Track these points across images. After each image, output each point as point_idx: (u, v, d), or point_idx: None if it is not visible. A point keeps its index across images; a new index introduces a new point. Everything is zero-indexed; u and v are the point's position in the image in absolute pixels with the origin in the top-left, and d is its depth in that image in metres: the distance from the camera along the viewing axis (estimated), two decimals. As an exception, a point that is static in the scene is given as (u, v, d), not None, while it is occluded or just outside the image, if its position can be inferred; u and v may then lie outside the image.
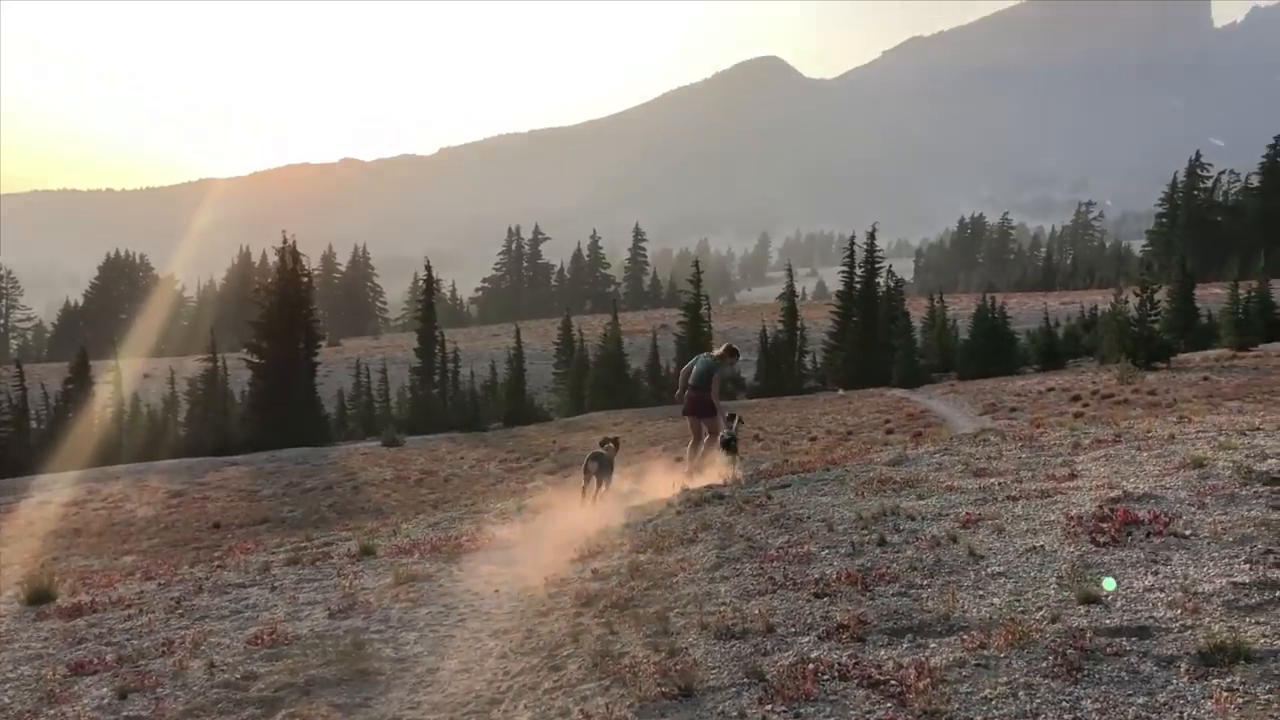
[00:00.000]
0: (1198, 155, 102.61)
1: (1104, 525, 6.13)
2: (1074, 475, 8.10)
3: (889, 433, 25.21)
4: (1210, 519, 6.07)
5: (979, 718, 3.87)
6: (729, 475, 10.97)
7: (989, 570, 5.74)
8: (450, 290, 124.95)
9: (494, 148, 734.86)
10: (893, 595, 5.53)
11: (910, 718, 3.96)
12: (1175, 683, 3.93)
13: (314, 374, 45.09)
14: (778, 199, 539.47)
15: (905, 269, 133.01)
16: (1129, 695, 3.87)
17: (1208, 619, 4.49)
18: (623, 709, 4.48)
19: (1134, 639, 4.39)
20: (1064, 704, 3.86)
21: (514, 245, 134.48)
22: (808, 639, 5.02)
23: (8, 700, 5.70)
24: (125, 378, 51.43)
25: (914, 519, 7.28)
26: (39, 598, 8.78)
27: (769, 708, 4.22)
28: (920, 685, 4.12)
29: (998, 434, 12.29)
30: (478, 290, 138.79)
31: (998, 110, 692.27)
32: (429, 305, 50.70)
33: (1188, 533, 5.87)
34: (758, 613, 5.47)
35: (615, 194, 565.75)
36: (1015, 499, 7.45)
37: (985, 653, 4.44)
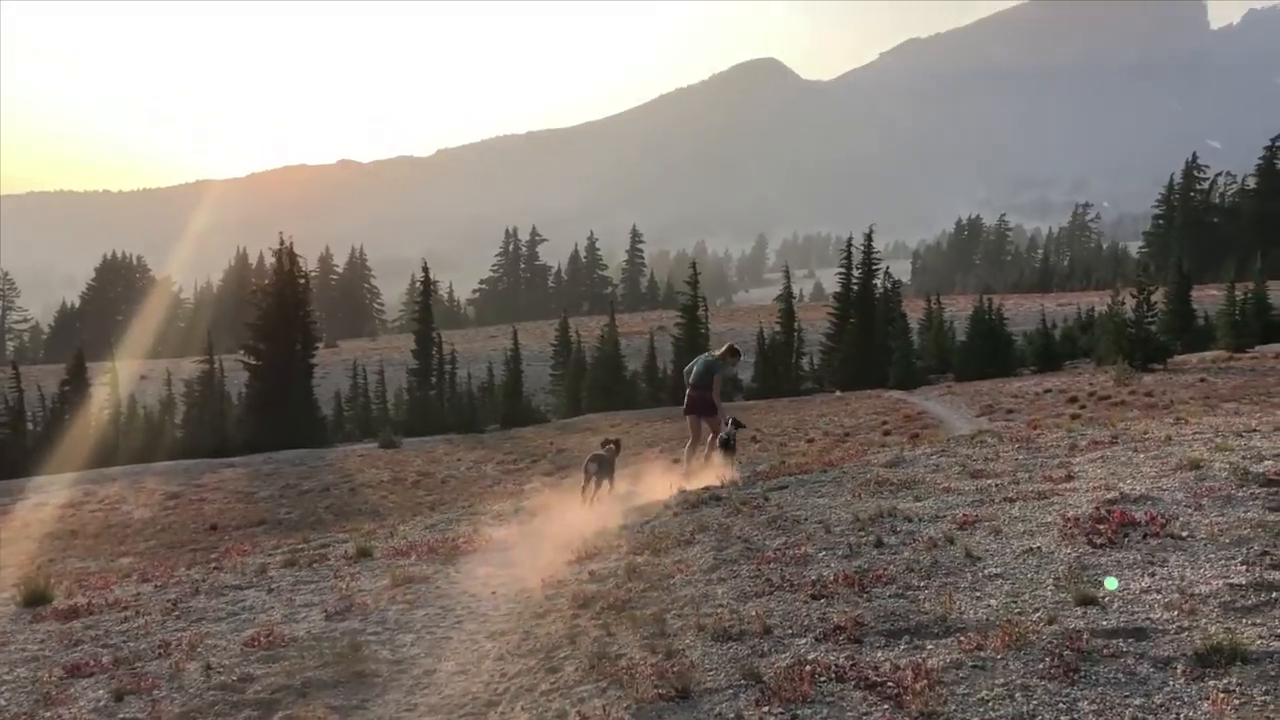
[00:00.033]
0: (1194, 157, 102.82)
1: (1101, 527, 6.14)
2: (1071, 477, 8.11)
3: (886, 434, 25.22)
4: (1207, 520, 6.08)
5: (976, 719, 3.88)
6: (726, 476, 10.97)
7: (986, 572, 5.75)
8: (447, 292, 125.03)
9: (491, 149, 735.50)
10: (890, 597, 5.53)
11: (907, 719, 3.96)
12: (1172, 684, 3.93)
13: (311, 375, 45.05)
14: (775, 200, 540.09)
15: (902, 270, 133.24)
16: (1126, 696, 3.88)
17: (1204, 620, 4.50)
18: (620, 711, 4.48)
19: (1131, 640, 4.39)
20: (1061, 705, 3.87)
21: (511, 247, 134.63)
22: (805, 640, 5.02)
23: (4, 703, 5.69)
24: (122, 379, 51.33)
25: (911, 520, 7.28)
26: (35, 600, 8.77)
27: (766, 709, 4.22)
28: (917, 687, 4.12)
29: (995, 435, 12.32)
30: (475, 292, 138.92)
31: (994, 112, 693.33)
32: (426, 307, 50.75)
33: (1184, 534, 5.87)
34: (755, 614, 5.47)
35: (612, 195, 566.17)
36: (1012, 500, 7.46)
37: (982, 654, 4.45)
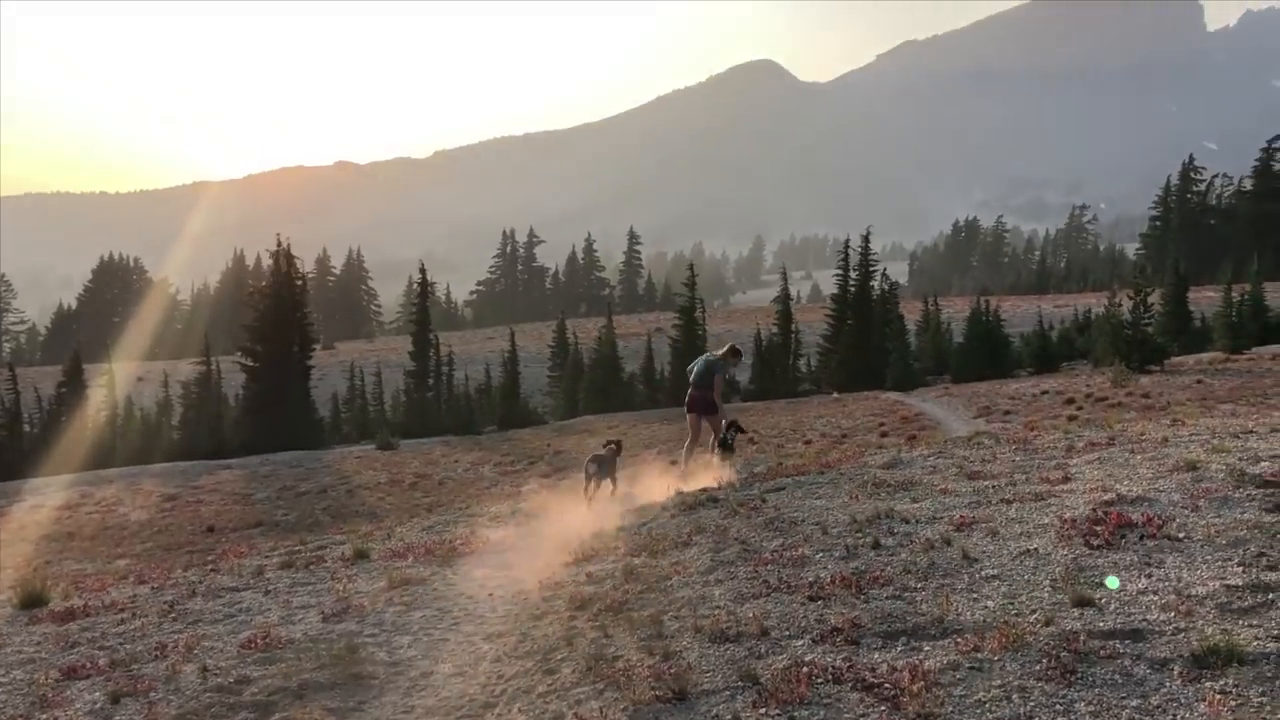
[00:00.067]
0: (1191, 159, 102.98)
1: (1098, 528, 6.14)
2: (1068, 478, 8.10)
3: (883, 436, 25.22)
4: (1203, 522, 6.08)
5: (973, 721, 3.87)
6: (723, 478, 10.97)
7: (983, 573, 5.74)
8: (445, 293, 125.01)
9: (489, 150, 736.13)
10: (887, 598, 5.53)
11: (904, 721, 3.96)
12: (1168, 685, 3.93)
13: (308, 377, 45.02)
14: (772, 202, 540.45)
15: (900, 272, 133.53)
16: (1122, 698, 3.88)
17: (1201, 622, 4.50)
18: (617, 712, 4.47)
19: (1127, 642, 4.39)
20: (1058, 707, 3.86)
21: (509, 248, 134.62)
22: (802, 642, 5.02)
23: (0, 705, 5.68)
24: (119, 381, 51.29)
25: (908, 522, 7.28)
26: (31, 602, 8.76)
27: (763, 711, 4.22)
28: (914, 688, 4.12)
29: (992, 437, 12.32)
30: (472, 293, 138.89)
31: (991, 113, 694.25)
32: (423, 308, 50.76)
33: (1181, 535, 5.87)
34: (752, 616, 5.47)
35: (610, 197, 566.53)
36: (1009, 502, 7.45)
37: (979, 655, 4.44)
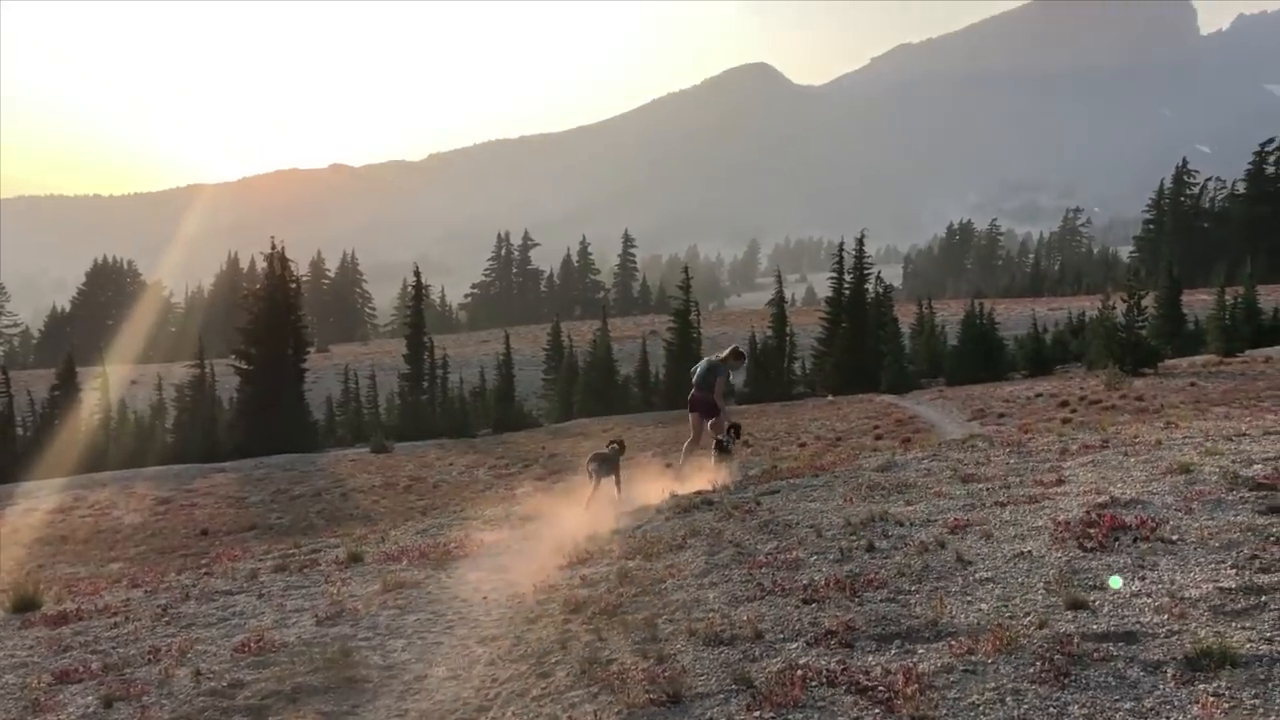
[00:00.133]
0: (1184, 162, 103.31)
1: (1091, 531, 6.14)
2: (1062, 481, 8.11)
3: (878, 438, 25.24)
4: (1197, 524, 6.09)
5: (967, 723, 3.87)
6: (718, 480, 10.96)
7: (977, 576, 5.74)
8: (439, 296, 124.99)
9: (483, 153, 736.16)
10: (881, 601, 5.53)
11: (898, 724, 3.96)
12: (1162, 688, 3.94)
13: (302, 380, 44.99)
14: (767, 205, 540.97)
15: (894, 275, 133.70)
16: (1116, 700, 3.88)
17: (1194, 624, 4.51)
18: (611, 716, 4.47)
19: (1121, 644, 4.40)
20: (1051, 709, 3.87)
21: (503, 251, 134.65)
22: (796, 645, 5.02)
23: (-9, 709, 5.66)
24: (112, 384, 51.16)
25: (902, 525, 7.28)
26: (24, 606, 8.73)
27: (757, 714, 4.22)
28: (908, 691, 4.12)
29: (986, 440, 12.33)
30: (467, 296, 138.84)
31: (986, 117, 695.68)
32: (418, 311, 50.69)
33: (1174, 538, 5.88)
34: (746, 619, 5.47)
35: (604, 200, 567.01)
36: (1003, 504, 7.46)
37: (973, 658, 4.45)
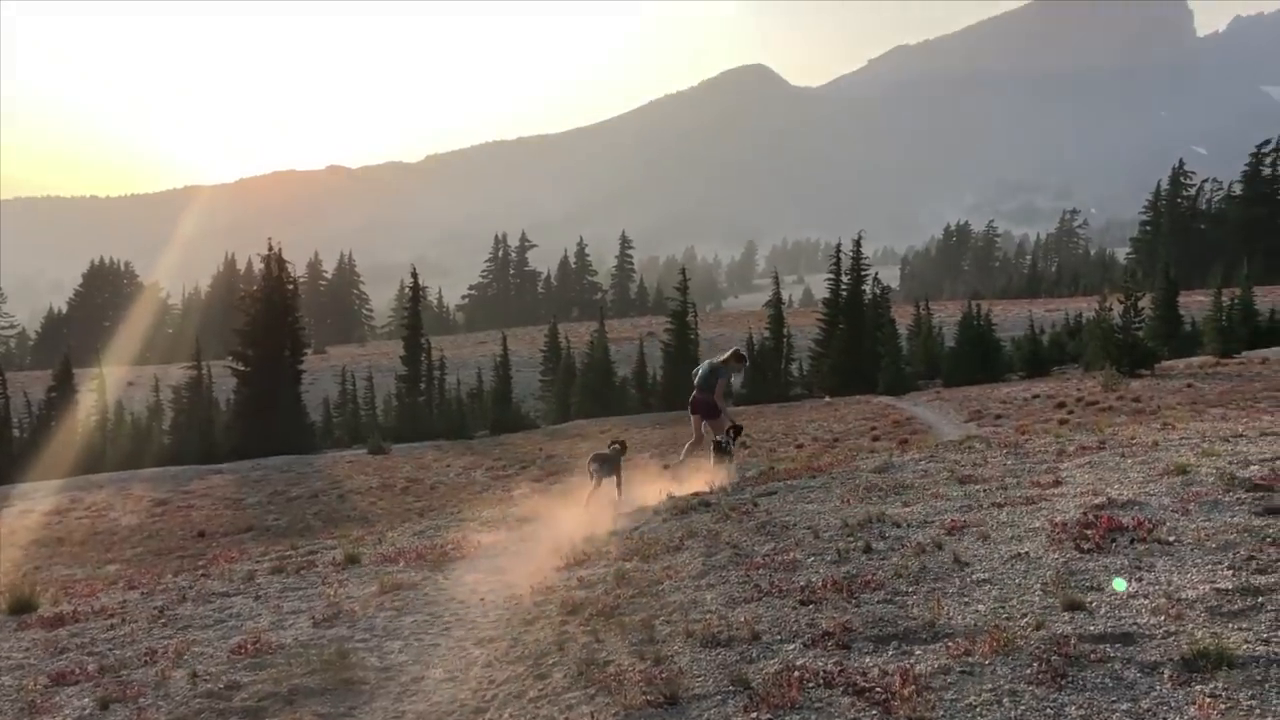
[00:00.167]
0: (1181, 163, 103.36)
1: (1088, 532, 6.15)
2: (1059, 482, 8.12)
3: (875, 440, 25.26)
4: (1194, 525, 6.10)
5: (964, 725, 3.87)
6: (716, 482, 10.96)
7: (974, 577, 5.75)
8: (437, 298, 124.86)
9: (481, 154, 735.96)
10: (878, 602, 5.53)
11: (895, 725, 3.95)
12: (1159, 689, 3.94)
13: (299, 382, 44.93)
14: (764, 206, 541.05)
15: (891, 276, 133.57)
16: (1113, 702, 3.88)
17: (1191, 625, 4.51)
18: (608, 717, 4.47)
19: (1118, 645, 4.40)
20: (1048, 711, 3.87)
21: (500, 252, 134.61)
22: (793, 646, 5.02)
23: (-13, 711, 5.65)
24: (109, 385, 51.05)
25: (899, 526, 7.28)
26: (20, 607, 8.72)
27: (754, 715, 4.21)
28: (905, 692, 4.12)
29: (983, 441, 12.33)
30: (464, 297, 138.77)
31: (983, 118, 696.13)
32: (415, 313, 50.63)
33: (1171, 539, 5.89)
34: (743, 620, 5.47)
35: (602, 201, 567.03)
36: (1000, 506, 7.46)
37: (970, 660, 4.45)
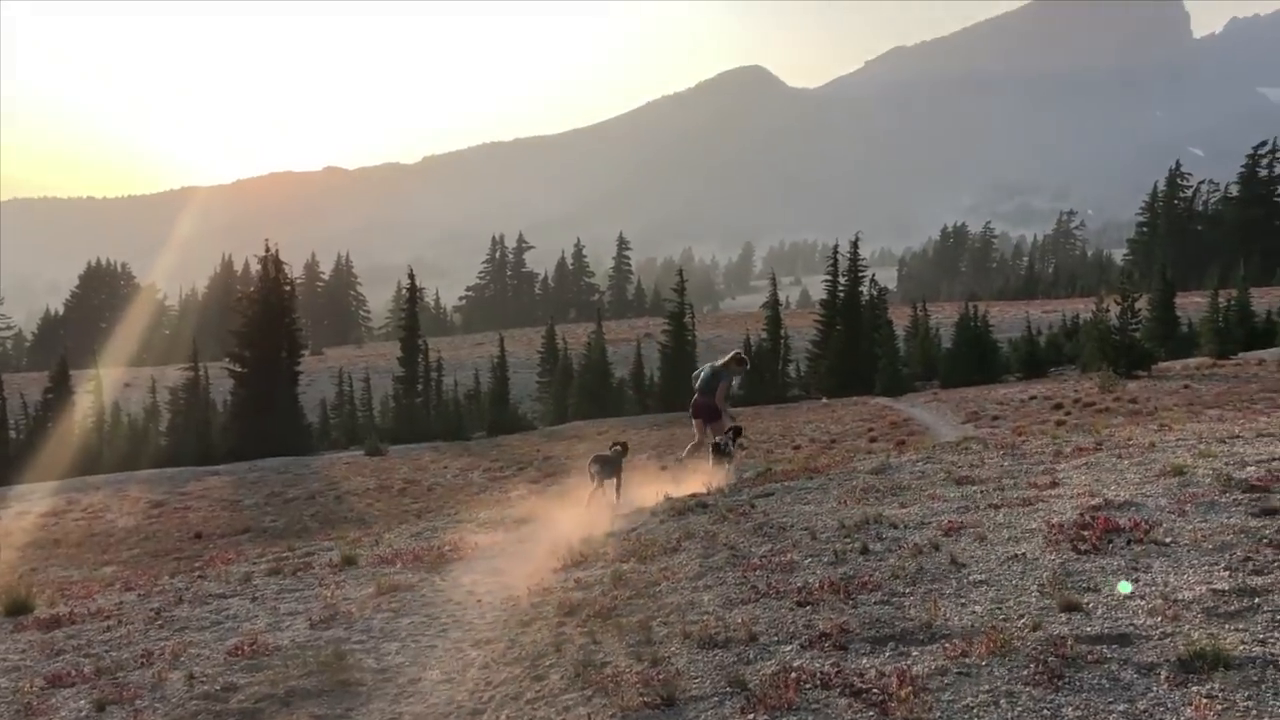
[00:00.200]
0: (1178, 165, 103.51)
1: (1085, 533, 6.15)
2: (1055, 483, 8.13)
3: (872, 441, 25.27)
4: (1190, 526, 6.11)
5: (961, 726, 3.87)
6: (713, 483, 10.97)
7: (971, 578, 5.75)
8: (434, 299, 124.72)
9: (478, 155, 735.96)
10: (875, 603, 5.53)
11: (892, 726, 3.95)
12: (1155, 690, 3.94)
13: (296, 383, 44.83)
14: (762, 208, 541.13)
15: (888, 278, 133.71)
16: (1110, 703, 3.88)
17: (1188, 626, 4.52)
18: (605, 719, 4.46)
19: (1115, 646, 4.40)
20: (1045, 712, 3.87)
21: (498, 253, 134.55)
22: (790, 648, 5.02)
23: (-17, 713, 5.64)
24: (106, 387, 51.00)
25: (896, 527, 7.29)
26: (16, 609, 8.70)
27: (751, 717, 4.22)
28: (902, 694, 4.12)
29: (980, 442, 12.33)
30: (461, 299, 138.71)
31: (979, 120, 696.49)
32: (412, 314, 50.55)
33: (1168, 540, 5.89)
34: (740, 621, 5.47)
35: (599, 202, 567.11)
36: (997, 507, 7.47)
37: (967, 661, 4.45)
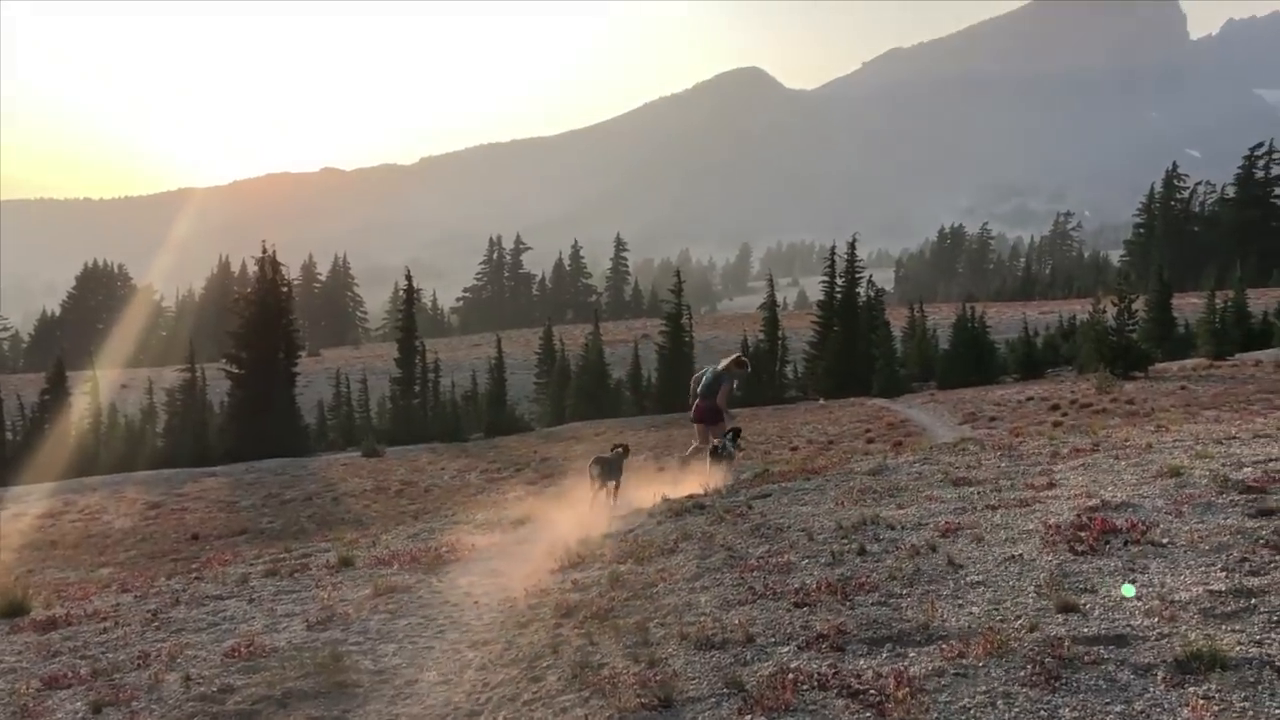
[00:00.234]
0: (1174, 166, 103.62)
1: (1082, 534, 6.16)
2: (1052, 484, 8.13)
3: (869, 442, 25.27)
4: (1187, 527, 6.11)
5: (958, 727, 3.88)
6: (711, 484, 10.96)
7: (968, 579, 5.75)
8: (431, 300, 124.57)
9: (475, 156, 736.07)
10: (872, 605, 5.53)
11: (889, 727, 3.95)
12: (1152, 691, 3.95)
13: (293, 384, 44.78)
14: (759, 209, 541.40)
15: (886, 279, 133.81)
16: (1106, 704, 3.89)
17: (1184, 627, 4.52)
18: (602, 720, 4.46)
19: (1111, 647, 4.41)
20: (1042, 713, 3.87)
21: (495, 255, 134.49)
22: (787, 649, 5.02)
23: (-21, 715, 5.63)
24: (102, 388, 50.86)
25: (894, 528, 7.29)
26: (13, 611, 8.69)
27: (748, 718, 4.21)
28: (899, 695, 4.12)
29: (977, 443, 12.34)
30: (459, 300, 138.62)
31: (976, 121, 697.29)
32: (409, 315, 50.51)
33: (1165, 541, 5.90)
34: (738, 623, 5.47)
35: (596, 204, 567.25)
36: (994, 508, 7.47)
37: (964, 662, 4.45)
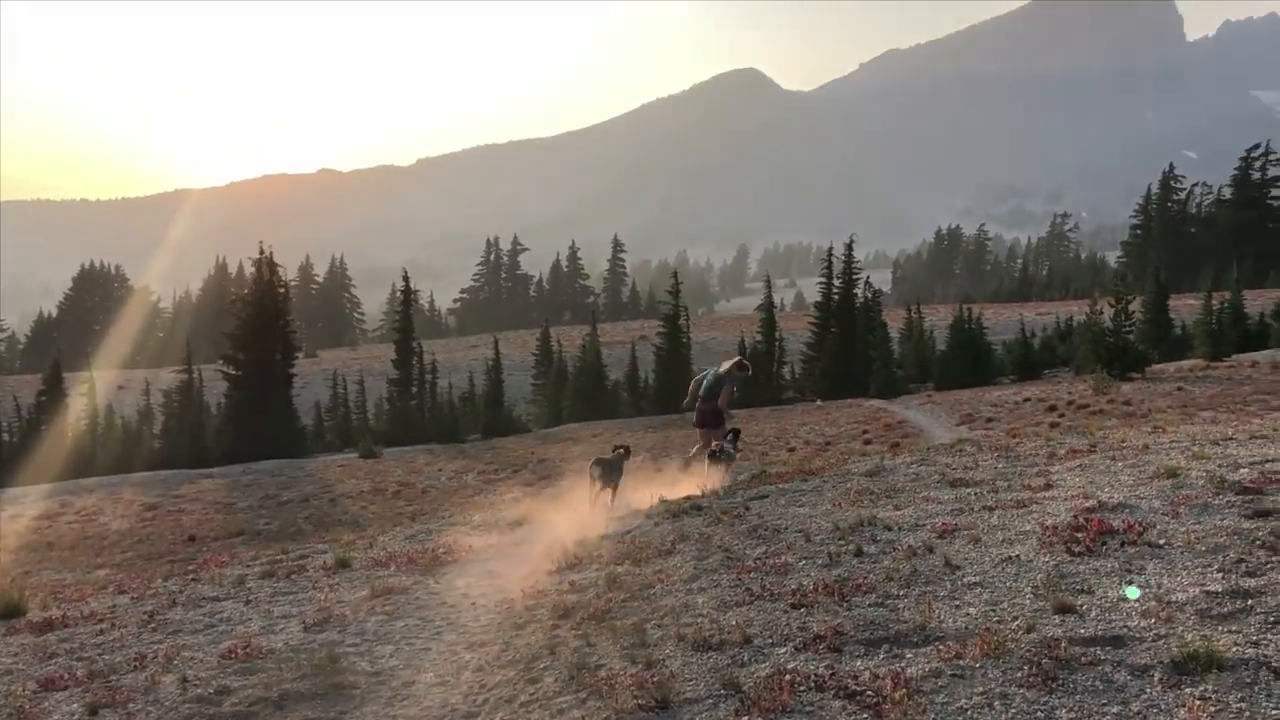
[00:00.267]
0: (1171, 167, 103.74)
1: (1079, 535, 6.16)
2: (1049, 485, 8.14)
3: (866, 443, 25.28)
4: (1184, 528, 6.11)
5: (955, 728, 3.88)
6: (708, 485, 10.96)
7: (965, 580, 5.76)
8: (428, 301, 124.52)
9: (472, 157, 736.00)
10: (869, 606, 5.53)
11: (887, 728, 3.95)
12: (1149, 691, 3.95)
13: (290, 385, 44.73)
14: (756, 210, 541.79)
15: (883, 280, 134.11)
16: (1103, 704, 3.89)
17: (1181, 628, 4.52)
18: (599, 722, 4.46)
19: (1108, 648, 4.41)
20: (1039, 714, 3.87)
21: (492, 256, 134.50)
22: (785, 650, 5.02)
23: (-25, 717, 5.62)
24: (99, 389, 50.76)
25: (891, 529, 7.29)
26: (9, 613, 8.68)
27: (745, 719, 4.21)
28: (896, 696, 4.12)
29: (974, 444, 12.34)
30: (456, 301, 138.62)
31: (973, 122, 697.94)
32: (407, 316, 50.48)
33: (1161, 542, 5.90)
34: (735, 624, 5.46)
35: (594, 205, 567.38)
36: (991, 509, 7.47)
37: (961, 663, 4.45)
